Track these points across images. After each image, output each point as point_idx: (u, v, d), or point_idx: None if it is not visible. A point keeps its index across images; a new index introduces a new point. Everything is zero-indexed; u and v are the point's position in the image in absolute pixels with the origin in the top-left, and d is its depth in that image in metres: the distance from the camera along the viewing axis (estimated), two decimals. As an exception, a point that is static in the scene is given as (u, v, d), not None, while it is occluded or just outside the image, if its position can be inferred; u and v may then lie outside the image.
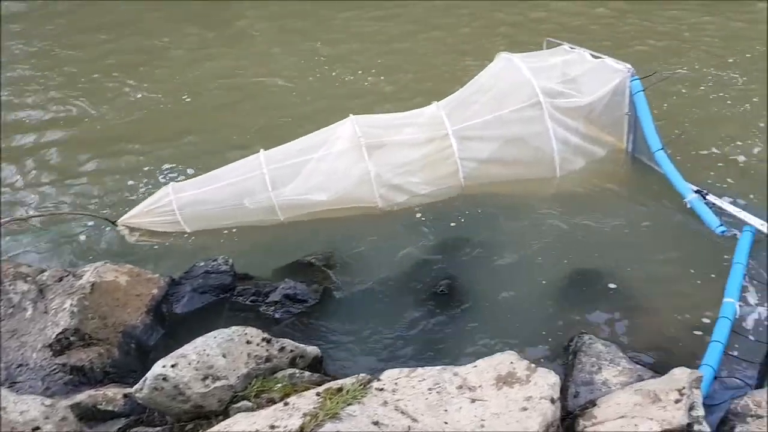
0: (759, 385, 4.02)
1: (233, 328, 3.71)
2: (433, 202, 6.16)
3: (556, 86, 6.20)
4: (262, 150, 6.04)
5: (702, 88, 8.28)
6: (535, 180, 6.29)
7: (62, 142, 8.18)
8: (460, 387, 3.24)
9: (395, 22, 11.86)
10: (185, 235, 5.97)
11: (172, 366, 3.40)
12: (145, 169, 7.31)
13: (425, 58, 10.14)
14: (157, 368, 3.38)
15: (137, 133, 8.34)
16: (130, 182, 7.09)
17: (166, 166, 7.32)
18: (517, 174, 6.26)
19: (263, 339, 3.70)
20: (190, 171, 7.04)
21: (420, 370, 3.43)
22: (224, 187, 5.89)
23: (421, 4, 12.54)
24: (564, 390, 3.81)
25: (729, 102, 7.84)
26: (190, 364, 3.43)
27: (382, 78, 9.42)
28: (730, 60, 9.03)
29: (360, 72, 9.67)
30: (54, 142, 8.20)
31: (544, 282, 5.12)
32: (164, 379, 3.34)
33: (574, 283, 5.08)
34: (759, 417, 3.66)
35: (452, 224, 5.93)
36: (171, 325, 4.82)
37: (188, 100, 9.21)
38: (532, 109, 6.08)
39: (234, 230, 5.99)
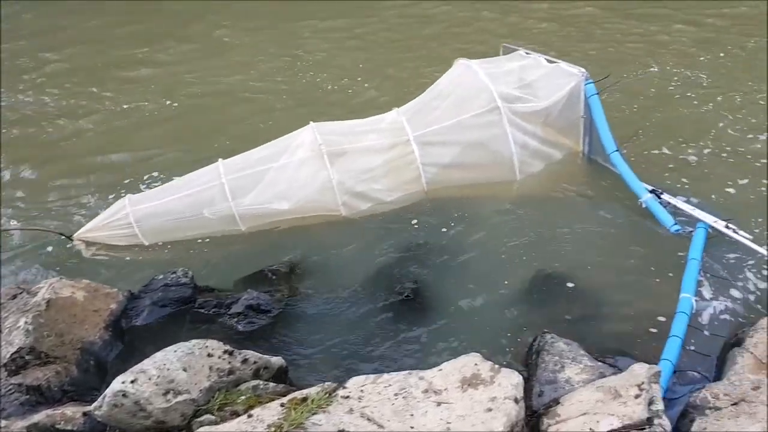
0: (717, 378, 4.12)
1: (194, 341, 3.63)
2: (396, 208, 6.19)
3: (513, 91, 6.30)
4: (220, 159, 5.96)
5: (670, 88, 8.56)
6: (496, 183, 6.38)
7: (34, 157, 8.01)
8: (426, 391, 3.25)
9: (371, 28, 12.17)
10: (144, 248, 5.85)
11: (132, 382, 3.31)
12: (126, 181, 7.18)
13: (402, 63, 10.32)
14: (117, 384, 3.29)
15: (115, 144, 8.23)
16: (97, 196, 6.97)
17: (147, 176, 7.23)
18: (479, 178, 6.34)
19: (225, 351, 3.64)
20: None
21: (386, 375, 3.42)
22: (182, 198, 5.80)
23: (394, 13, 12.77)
24: (528, 389, 3.85)
25: (695, 102, 8.11)
26: (150, 379, 3.35)
27: (366, 85, 9.55)
28: (702, 59, 9.42)
29: (345, 79, 9.79)
30: (26, 156, 8.03)
31: (506, 283, 5.18)
32: (124, 395, 3.25)
33: (535, 284, 5.15)
34: (717, 409, 3.76)
35: (416, 229, 5.95)
36: (131, 340, 4.71)
37: (166, 110, 9.19)
38: (490, 114, 6.16)
39: (194, 242, 5.89)
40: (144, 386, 3.30)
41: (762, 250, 4.99)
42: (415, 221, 6.04)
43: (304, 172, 5.83)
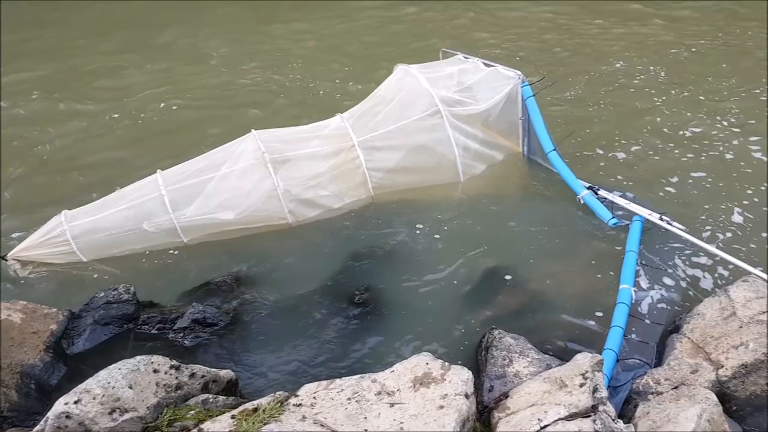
0: (658, 364, 4.29)
1: (138, 357, 3.53)
2: (344, 213, 6.19)
3: (453, 95, 6.42)
4: (159, 170, 5.82)
5: (614, 92, 8.89)
6: (441, 186, 6.47)
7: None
8: (379, 393, 3.25)
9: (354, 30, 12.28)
10: (83, 265, 5.65)
11: (75, 402, 3.20)
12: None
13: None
14: (59, 406, 3.17)
15: (73, 157, 7.94)
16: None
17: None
18: (424, 181, 6.41)
19: (171, 366, 3.55)
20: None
21: (338, 381, 3.41)
22: (121, 212, 5.61)
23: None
24: (479, 385, 3.92)
25: (632, 103, 8.46)
26: (94, 398, 3.24)
27: (359, 86, 9.52)
28: (647, 62, 9.83)
29: (336, 81, 9.85)
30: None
31: (455, 282, 5.26)
32: (67, 416, 3.13)
33: (482, 282, 5.25)
34: (659, 393, 3.93)
35: (364, 234, 5.97)
36: (73, 361, 4.54)
37: (137, 120, 8.96)
38: (432, 117, 6.26)
39: (135, 256, 5.72)
40: (88, 406, 3.19)
41: (695, 239, 5.23)
42: (363, 226, 6.06)
43: (247, 181, 5.74)
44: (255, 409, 3.08)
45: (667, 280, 5.15)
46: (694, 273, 5.23)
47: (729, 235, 5.65)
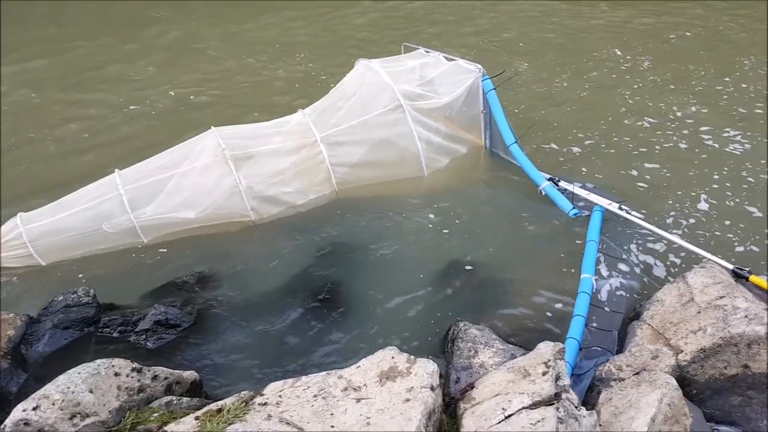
0: (619, 351, 4.37)
1: (98, 361, 3.45)
2: (308, 210, 6.15)
3: (415, 89, 6.44)
4: (117, 169, 5.68)
5: (577, 84, 9.05)
6: (405, 180, 6.48)
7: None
8: (346, 389, 3.24)
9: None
10: (41, 269, 5.48)
11: (34, 408, 3.11)
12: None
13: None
14: (17, 413, 3.08)
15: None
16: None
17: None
18: (388, 175, 6.42)
19: (133, 369, 3.48)
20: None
21: (304, 378, 3.39)
22: (79, 213, 5.46)
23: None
24: (446, 377, 3.94)
25: (584, 95, 8.61)
26: (54, 404, 3.16)
27: None
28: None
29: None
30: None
31: (421, 276, 5.27)
32: (26, 423, 3.05)
33: (447, 274, 5.28)
34: (621, 380, 4.01)
35: (329, 230, 5.93)
36: (33, 367, 4.42)
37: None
38: (394, 112, 6.27)
39: (94, 257, 5.57)
40: (48, 412, 3.11)
41: (653, 227, 5.35)
42: (327, 222, 6.02)
43: (208, 179, 5.65)
44: (219, 410, 3.04)
45: (627, 269, 5.25)
46: (653, 261, 5.35)
47: (688, 222, 5.82)
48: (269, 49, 11.11)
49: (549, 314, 4.80)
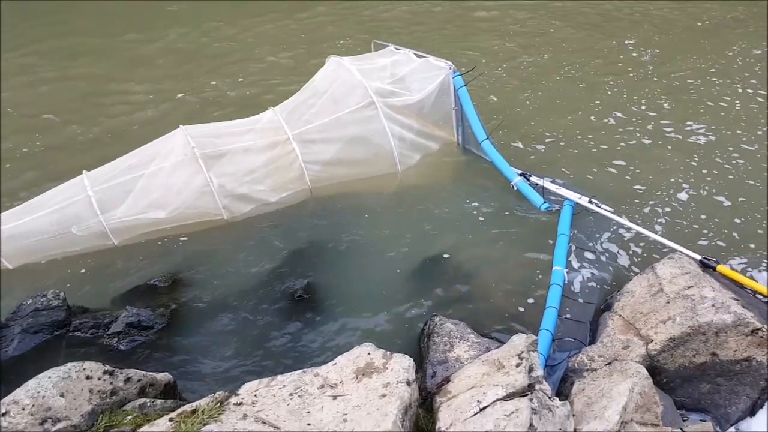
0: (592, 341, 4.44)
1: (69, 364, 3.38)
2: (281, 208, 6.12)
3: (387, 86, 6.44)
4: (84, 171, 5.58)
5: (549, 80, 9.14)
6: (379, 177, 6.48)
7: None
8: (322, 386, 3.23)
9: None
10: (8, 273, 5.37)
11: (3, 414, 3.05)
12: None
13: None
14: (-15, 420, 3.01)
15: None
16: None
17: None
18: (362, 172, 6.42)
19: (105, 372, 3.42)
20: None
21: (280, 377, 3.37)
22: (46, 216, 5.35)
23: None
24: (423, 372, 3.96)
25: (554, 91, 8.71)
26: (24, 409, 3.10)
27: None
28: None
29: None
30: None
31: (397, 272, 5.29)
32: (-6, 430, 2.98)
33: (423, 270, 5.30)
34: (593, 370, 4.07)
35: (303, 227, 5.91)
36: (3, 372, 4.31)
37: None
38: (367, 109, 6.26)
39: (64, 260, 5.47)
40: (17, 418, 3.04)
41: (622, 220, 5.45)
42: (301, 220, 6.00)
43: (178, 178, 5.57)
44: (194, 411, 3.00)
45: (598, 261, 5.34)
46: (623, 253, 5.45)
47: (657, 213, 5.94)
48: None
49: (523, 307, 4.85)
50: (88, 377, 3.38)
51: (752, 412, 4.10)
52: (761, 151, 6.91)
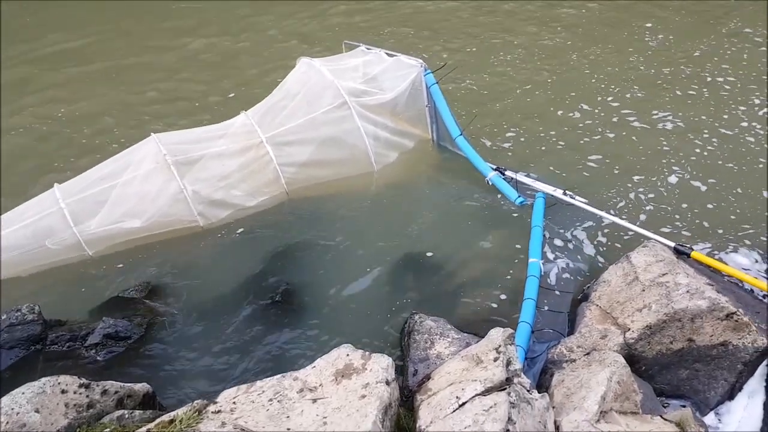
0: (570, 332, 4.47)
1: (44, 379, 3.33)
2: (258, 212, 6.08)
3: (359, 86, 6.43)
4: (56, 183, 5.49)
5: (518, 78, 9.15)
6: (356, 176, 6.47)
7: None
8: (301, 390, 3.22)
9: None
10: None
11: (-25, 434, 2.99)
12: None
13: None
14: (-42, 440, 2.96)
15: None
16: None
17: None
18: (338, 173, 6.40)
19: (81, 385, 3.37)
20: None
21: (259, 383, 3.35)
22: (18, 231, 5.25)
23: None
24: (404, 370, 3.96)
25: (526, 86, 8.76)
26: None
27: None
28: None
29: None
30: None
31: (376, 271, 5.28)
32: (-33, 449, 2.93)
33: (402, 268, 5.31)
34: (572, 361, 4.10)
35: (281, 230, 5.88)
36: (-22, 390, 4.23)
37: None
38: (340, 109, 6.24)
39: (38, 273, 5.38)
40: (-10, 436, 2.99)
41: (596, 210, 5.50)
42: (279, 224, 5.97)
43: (151, 186, 5.50)
44: (171, 420, 2.97)
45: (574, 251, 5.40)
46: (599, 242, 5.51)
47: (631, 202, 6.02)
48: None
49: (503, 299, 4.89)
50: (63, 391, 3.33)
51: (731, 395, 4.16)
52: (741, 135, 7.03)
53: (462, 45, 10.49)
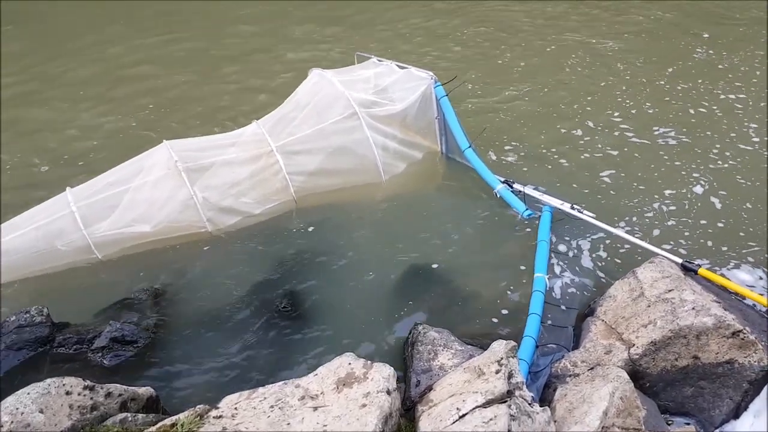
0: (575, 347, 4.46)
1: (49, 380, 3.38)
2: (266, 219, 6.12)
3: (369, 96, 6.48)
4: (68, 187, 5.58)
5: (526, 89, 9.18)
6: (363, 186, 6.50)
7: None
8: (303, 398, 3.24)
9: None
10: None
11: (-19, 432, 3.04)
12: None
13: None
14: (-38, 439, 3.00)
15: None
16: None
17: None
18: (346, 182, 6.43)
19: (85, 387, 3.41)
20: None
21: (261, 389, 3.38)
22: (30, 233, 5.32)
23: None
24: (407, 381, 3.96)
25: (535, 100, 8.77)
26: (2, 426, 3.10)
27: None
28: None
29: None
30: None
31: (381, 281, 5.29)
32: (-28, 448, 2.97)
33: (407, 279, 5.31)
34: (576, 375, 4.09)
35: (288, 238, 5.92)
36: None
37: None
38: (349, 120, 6.29)
39: (47, 275, 5.44)
40: (-5, 436, 3.04)
41: (604, 225, 5.48)
42: (287, 232, 6.00)
43: (162, 192, 5.57)
44: (173, 425, 3.00)
45: (580, 266, 5.37)
46: (605, 258, 5.48)
47: (639, 218, 5.98)
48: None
49: (507, 313, 4.87)
50: (68, 393, 3.38)
51: (736, 414, 4.11)
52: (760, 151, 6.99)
53: (471, 57, 10.53)
